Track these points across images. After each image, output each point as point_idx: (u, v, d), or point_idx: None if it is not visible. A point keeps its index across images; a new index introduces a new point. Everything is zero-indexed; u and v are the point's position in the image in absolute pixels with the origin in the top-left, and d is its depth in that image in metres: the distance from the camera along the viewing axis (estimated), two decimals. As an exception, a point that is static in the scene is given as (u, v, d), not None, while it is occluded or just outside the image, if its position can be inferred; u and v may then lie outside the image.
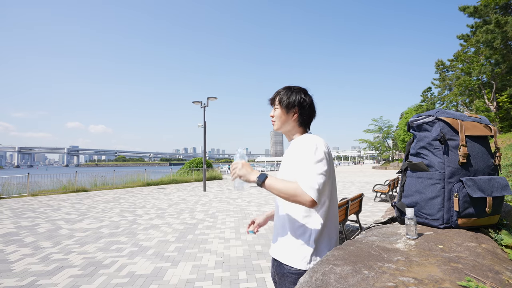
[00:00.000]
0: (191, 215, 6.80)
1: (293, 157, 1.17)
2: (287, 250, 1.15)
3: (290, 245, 1.14)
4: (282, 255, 1.17)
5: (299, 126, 1.26)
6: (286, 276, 1.13)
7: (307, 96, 1.26)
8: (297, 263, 1.10)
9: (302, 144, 1.16)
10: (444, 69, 28.08)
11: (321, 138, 1.18)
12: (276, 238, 1.24)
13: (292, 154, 1.20)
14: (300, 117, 1.25)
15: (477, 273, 0.70)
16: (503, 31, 16.49)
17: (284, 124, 1.26)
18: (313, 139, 1.15)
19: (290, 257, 1.13)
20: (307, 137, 1.19)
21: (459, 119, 1.07)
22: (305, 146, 1.13)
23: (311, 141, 1.13)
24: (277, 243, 1.22)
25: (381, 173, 23.98)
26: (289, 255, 1.13)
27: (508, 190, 1.05)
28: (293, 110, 1.23)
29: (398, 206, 1.18)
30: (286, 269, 1.13)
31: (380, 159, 52.40)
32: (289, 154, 1.23)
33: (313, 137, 1.17)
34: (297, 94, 1.24)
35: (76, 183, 12.42)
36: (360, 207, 4.94)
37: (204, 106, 12.91)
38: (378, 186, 8.52)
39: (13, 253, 4.07)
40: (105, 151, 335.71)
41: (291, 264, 1.12)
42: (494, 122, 20.30)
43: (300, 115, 1.24)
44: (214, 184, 15.43)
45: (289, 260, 1.13)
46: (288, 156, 1.23)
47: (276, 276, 1.21)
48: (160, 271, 3.35)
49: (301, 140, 1.20)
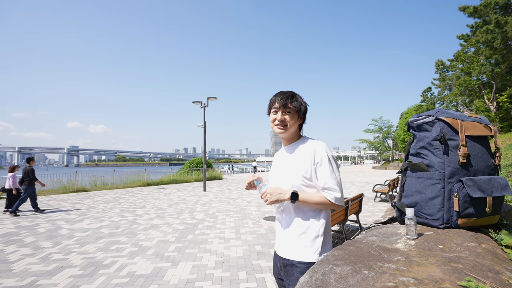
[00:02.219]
0: (191, 215, 6.80)
1: (301, 161, 1.22)
2: (299, 247, 1.19)
3: (303, 241, 1.19)
4: (294, 253, 1.20)
5: (299, 131, 1.34)
6: (296, 267, 1.18)
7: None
8: (309, 257, 1.16)
9: (313, 150, 1.22)
10: (444, 69, 28.06)
11: (323, 142, 1.26)
12: (285, 237, 1.26)
13: (298, 157, 1.24)
14: (302, 123, 1.33)
15: (477, 273, 0.70)
16: (503, 31, 16.49)
17: (291, 128, 1.28)
18: (322, 146, 1.22)
19: (303, 252, 1.18)
20: (316, 144, 1.24)
21: (459, 119, 1.07)
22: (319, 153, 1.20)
23: (323, 148, 1.22)
24: (287, 241, 1.24)
25: (381, 173, 23.97)
26: (302, 251, 1.18)
27: (508, 190, 1.05)
28: (300, 116, 1.30)
29: (398, 206, 1.18)
30: (295, 262, 1.19)
31: (380, 159, 52.39)
32: (291, 156, 1.27)
33: (321, 144, 1.24)
34: (303, 102, 1.32)
35: (76, 183, 12.42)
36: (360, 207, 4.94)
37: (204, 106, 12.90)
38: (378, 186, 8.51)
39: (13, 253, 4.06)
40: (105, 151, 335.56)
41: (304, 259, 1.17)
42: (494, 122, 20.29)
43: (303, 120, 1.33)
44: (214, 184, 15.42)
45: (302, 256, 1.17)
46: (291, 159, 1.27)
47: (283, 272, 1.25)
48: (160, 271, 3.35)
49: (309, 146, 1.24)
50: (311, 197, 1.17)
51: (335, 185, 1.17)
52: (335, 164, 1.22)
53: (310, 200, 1.17)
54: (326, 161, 1.19)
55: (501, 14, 17.28)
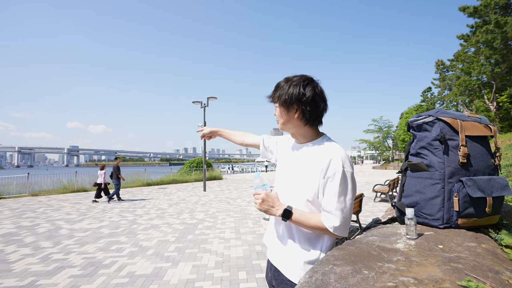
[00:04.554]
0: (191, 215, 6.80)
1: (310, 170, 1.01)
2: (292, 263, 1.03)
3: (296, 259, 1.02)
4: (285, 267, 1.05)
5: (305, 125, 1.05)
6: (286, 284, 1.04)
7: (309, 87, 1.02)
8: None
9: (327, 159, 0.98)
10: (444, 69, 28.08)
11: (343, 150, 1.01)
12: (278, 244, 1.11)
13: (308, 164, 1.03)
14: (302, 115, 1.03)
15: (477, 273, 0.70)
16: (503, 31, 16.49)
17: (286, 124, 1.08)
18: (340, 157, 0.97)
19: (295, 271, 1.02)
20: (333, 151, 0.99)
21: (459, 119, 1.07)
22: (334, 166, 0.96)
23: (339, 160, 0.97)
24: (280, 250, 1.10)
25: (381, 173, 23.97)
26: (294, 269, 1.02)
27: (508, 190, 1.05)
28: (293, 107, 1.02)
29: (398, 206, 1.18)
30: (286, 278, 1.04)
31: (380, 159, 52.40)
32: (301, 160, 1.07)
33: (339, 153, 0.99)
34: (295, 88, 1.02)
35: (76, 183, 12.42)
36: (360, 207, 4.94)
37: (204, 106, 12.91)
38: (378, 186, 8.51)
39: (13, 253, 4.06)
40: (105, 151, 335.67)
41: (294, 280, 1.01)
42: (494, 122, 20.29)
43: (303, 112, 1.02)
44: (214, 184, 15.42)
45: (292, 275, 1.02)
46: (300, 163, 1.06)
47: (274, 282, 1.12)
48: (160, 271, 3.35)
49: (325, 153, 1.00)
50: (307, 220, 0.98)
51: (337, 211, 0.95)
52: (351, 185, 0.98)
53: (305, 223, 0.98)
54: (338, 179, 0.95)
55: (501, 14, 17.29)
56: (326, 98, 1.07)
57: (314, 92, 1.02)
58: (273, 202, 1.05)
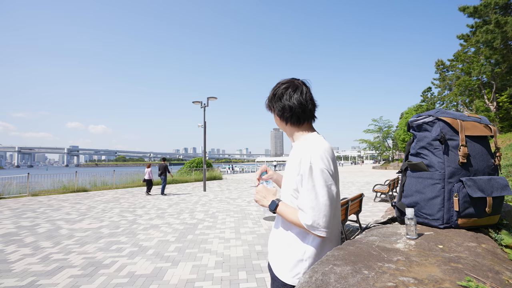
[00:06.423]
0: (191, 215, 6.80)
1: (290, 168, 1.05)
2: (281, 262, 1.07)
3: (285, 258, 1.06)
4: (275, 266, 1.10)
5: (298, 127, 1.12)
6: (275, 280, 1.09)
7: (295, 94, 1.08)
8: (288, 279, 1.03)
9: (299, 157, 1.00)
10: (444, 69, 28.08)
11: (319, 145, 1.01)
12: (272, 241, 1.17)
13: (289, 164, 1.07)
14: (292, 120, 1.10)
15: (477, 273, 0.70)
16: (503, 31, 16.49)
17: (285, 130, 1.18)
18: (308, 153, 0.98)
19: (283, 271, 1.05)
20: (304, 149, 1.01)
21: (459, 119, 1.07)
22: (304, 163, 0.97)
23: (308, 156, 0.97)
24: (272, 247, 1.15)
25: (381, 173, 23.97)
26: (282, 268, 1.06)
27: (508, 190, 1.05)
28: (285, 115, 1.10)
29: (398, 206, 1.18)
30: (274, 274, 1.10)
31: (380, 159, 52.40)
32: (288, 160, 1.11)
33: (309, 149, 0.99)
34: (280, 98, 1.10)
35: (76, 183, 12.42)
36: (360, 207, 4.94)
37: (204, 106, 12.91)
38: (378, 186, 8.51)
39: (13, 253, 4.06)
40: (105, 151, 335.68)
41: (282, 278, 1.05)
42: (494, 122, 20.29)
43: (291, 118, 1.10)
44: (214, 184, 15.42)
45: (281, 274, 1.06)
46: (287, 163, 1.11)
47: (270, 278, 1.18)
48: (160, 271, 3.35)
49: (298, 151, 1.03)
50: (288, 214, 1.01)
51: (308, 209, 0.94)
52: (321, 181, 0.94)
53: (287, 217, 1.02)
54: (306, 175, 0.95)
55: (501, 14, 17.29)
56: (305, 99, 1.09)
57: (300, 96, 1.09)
58: (266, 194, 1.14)
